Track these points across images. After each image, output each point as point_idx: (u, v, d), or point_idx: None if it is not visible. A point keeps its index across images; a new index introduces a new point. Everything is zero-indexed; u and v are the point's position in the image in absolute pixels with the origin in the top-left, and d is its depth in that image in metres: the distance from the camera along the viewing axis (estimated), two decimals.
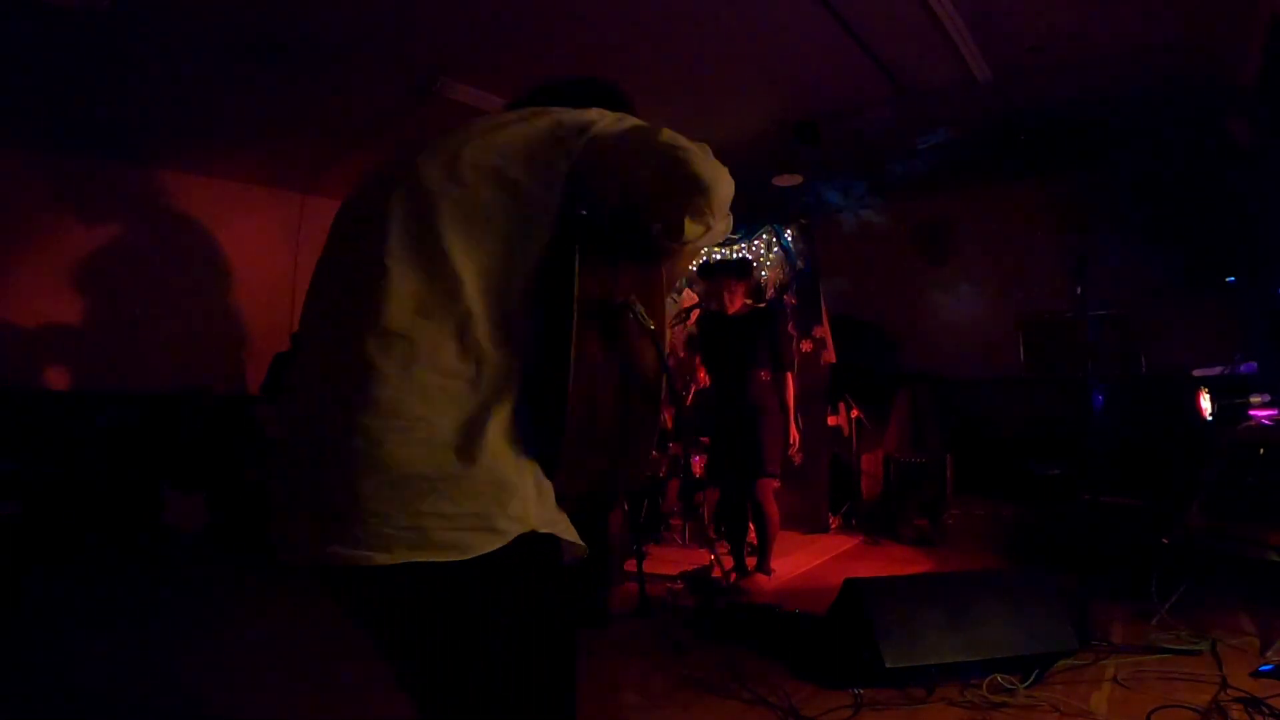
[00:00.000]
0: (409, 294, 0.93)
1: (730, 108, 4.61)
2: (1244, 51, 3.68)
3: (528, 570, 0.95)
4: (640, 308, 0.98)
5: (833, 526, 5.44)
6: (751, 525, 4.08)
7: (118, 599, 3.67)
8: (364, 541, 0.87)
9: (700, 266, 4.59)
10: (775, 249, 6.12)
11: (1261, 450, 3.27)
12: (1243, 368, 3.92)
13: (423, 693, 0.99)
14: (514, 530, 0.91)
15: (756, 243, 6.17)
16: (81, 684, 2.58)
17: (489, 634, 0.93)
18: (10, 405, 4.71)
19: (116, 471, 4.91)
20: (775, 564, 4.01)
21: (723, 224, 1.02)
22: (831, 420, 5.63)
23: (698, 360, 5.24)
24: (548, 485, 0.98)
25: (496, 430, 0.92)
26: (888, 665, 2.40)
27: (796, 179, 5.65)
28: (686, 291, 6.02)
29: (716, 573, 4.05)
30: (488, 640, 0.93)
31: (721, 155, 1.00)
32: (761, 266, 6.00)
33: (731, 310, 4.09)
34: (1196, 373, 4.12)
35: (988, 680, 2.42)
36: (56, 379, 4.96)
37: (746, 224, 6.11)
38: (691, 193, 0.95)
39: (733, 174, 0.99)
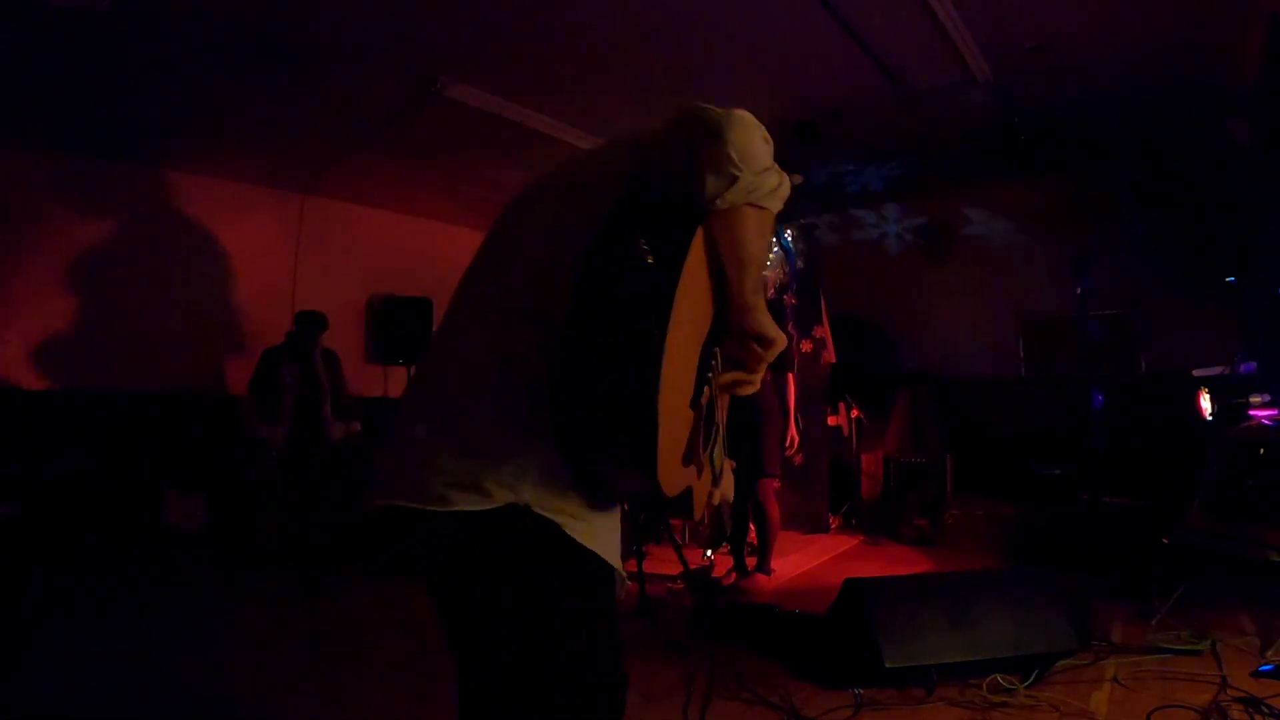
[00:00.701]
0: (470, 282, 1.10)
1: (730, 108, 4.61)
2: (1244, 51, 3.68)
3: (522, 547, 0.93)
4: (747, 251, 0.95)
5: (833, 526, 5.44)
6: (751, 525, 4.08)
7: (118, 599, 3.67)
8: (380, 487, 0.98)
9: None
10: (775, 249, 6.11)
11: (1261, 450, 3.27)
12: (1243, 368, 3.91)
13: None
14: (501, 496, 0.91)
15: None
16: (81, 684, 2.58)
17: (481, 611, 0.95)
18: (10, 405, 4.71)
19: (116, 471, 4.91)
20: (775, 564, 4.01)
21: (764, 177, 0.95)
22: (831, 420, 5.63)
23: None
24: (562, 472, 0.94)
25: (503, 404, 0.95)
26: (888, 665, 2.40)
27: (796, 179, 5.63)
28: None
29: (716, 572, 4.06)
30: (483, 621, 0.95)
31: None
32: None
33: None
34: (1196, 373, 4.12)
35: (988, 680, 2.42)
36: (56, 379, 4.96)
37: None
38: (705, 144, 0.92)
39: None
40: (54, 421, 4.81)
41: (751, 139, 0.94)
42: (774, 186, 0.96)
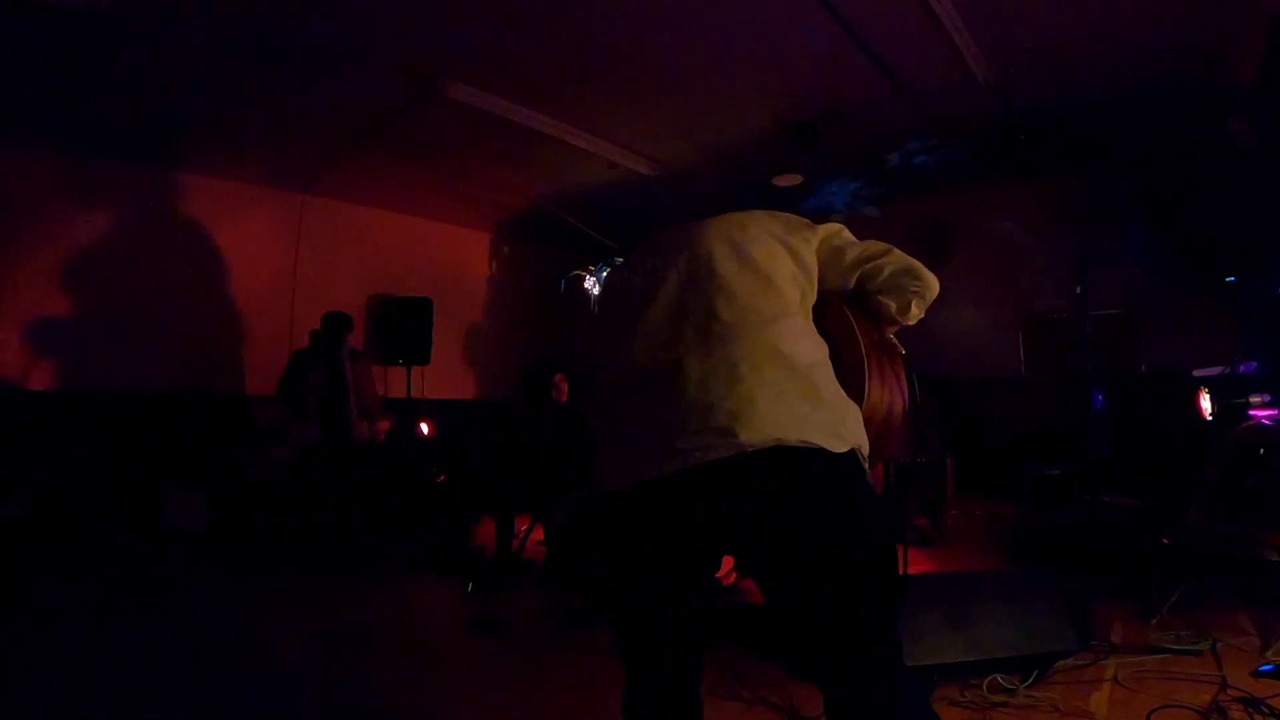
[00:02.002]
0: (744, 292, 1.36)
1: (730, 108, 4.61)
2: (1244, 51, 3.68)
3: (862, 479, 1.31)
4: (894, 340, 1.56)
5: None
6: None
7: (118, 599, 3.67)
8: (760, 431, 1.21)
9: None
10: None
11: (1261, 450, 3.26)
12: (1243, 368, 3.91)
13: (787, 554, 1.23)
14: (850, 441, 1.28)
15: None
16: (81, 684, 2.58)
17: (843, 514, 1.24)
18: (11, 405, 4.72)
19: (116, 471, 4.91)
20: None
21: (922, 314, 1.55)
22: None
23: None
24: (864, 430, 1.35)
25: (831, 374, 1.34)
26: None
27: (796, 179, 5.65)
28: None
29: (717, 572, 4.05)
30: (844, 518, 1.24)
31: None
32: None
33: None
34: (1196, 373, 4.12)
35: (988, 680, 2.42)
36: (56, 379, 4.97)
37: None
38: (922, 290, 1.51)
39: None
40: (54, 421, 4.81)
41: (935, 296, 1.56)
42: (920, 317, 1.57)
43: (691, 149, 5.17)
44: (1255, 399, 3.50)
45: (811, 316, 1.43)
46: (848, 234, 1.53)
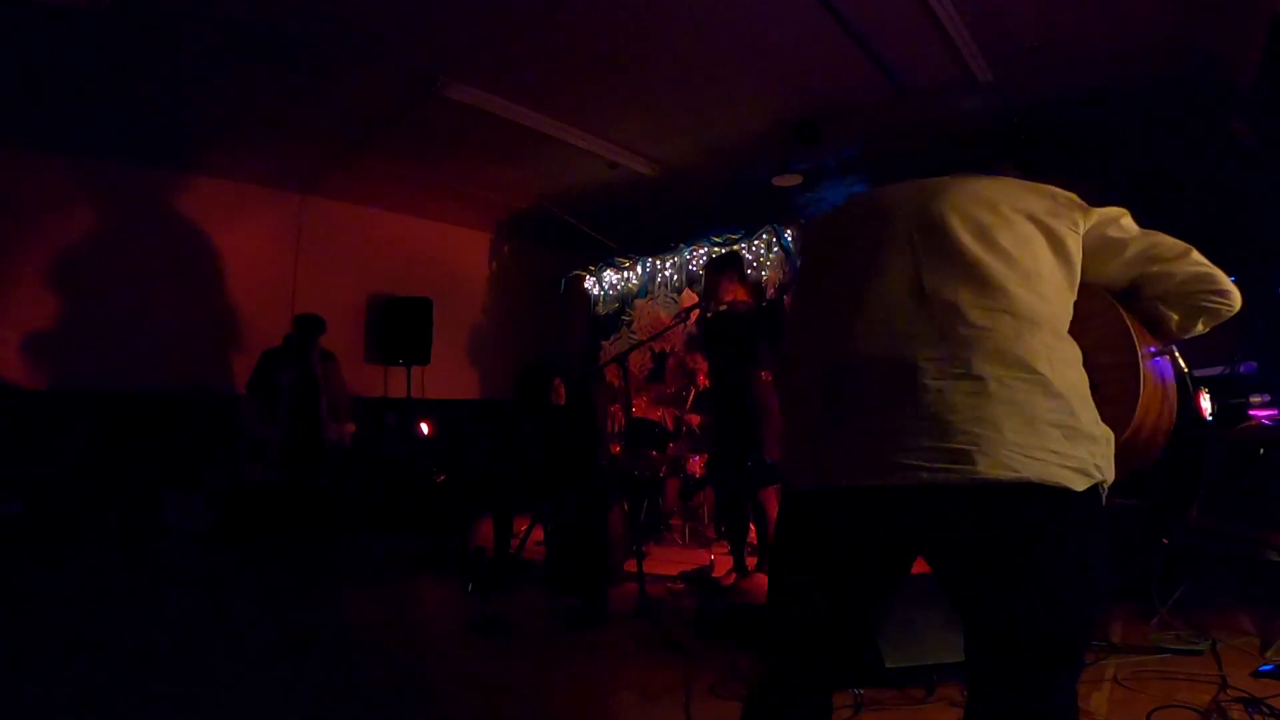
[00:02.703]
0: (997, 290, 1.15)
1: (730, 108, 4.61)
2: (1244, 51, 3.68)
3: (1095, 516, 1.13)
4: (1179, 357, 1.34)
5: None
6: (752, 525, 4.07)
7: (117, 599, 3.67)
8: (1000, 462, 1.06)
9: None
10: (775, 249, 6.11)
11: (1261, 450, 3.26)
12: (1243, 368, 3.91)
13: (1010, 595, 1.11)
14: (1097, 476, 1.11)
15: (756, 243, 6.17)
16: (81, 684, 2.58)
17: (1062, 560, 1.10)
18: (10, 405, 4.72)
19: (116, 471, 4.92)
20: None
21: (1206, 330, 1.36)
22: None
23: (699, 359, 5.22)
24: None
25: (1089, 396, 1.15)
26: (888, 665, 2.40)
27: (796, 179, 5.65)
28: (686, 291, 6.02)
29: (716, 572, 4.06)
30: (1063, 565, 1.11)
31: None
32: (762, 266, 5.99)
33: (724, 304, 4.06)
34: (1196, 373, 4.11)
35: None
36: (56, 378, 4.97)
37: (747, 224, 6.11)
38: (1220, 307, 1.32)
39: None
40: (54, 421, 4.82)
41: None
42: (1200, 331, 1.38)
43: (691, 149, 5.17)
44: (1255, 399, 3.50)
45: (1070, 318, 1.21)
46: (1129, 222, 1.29)
